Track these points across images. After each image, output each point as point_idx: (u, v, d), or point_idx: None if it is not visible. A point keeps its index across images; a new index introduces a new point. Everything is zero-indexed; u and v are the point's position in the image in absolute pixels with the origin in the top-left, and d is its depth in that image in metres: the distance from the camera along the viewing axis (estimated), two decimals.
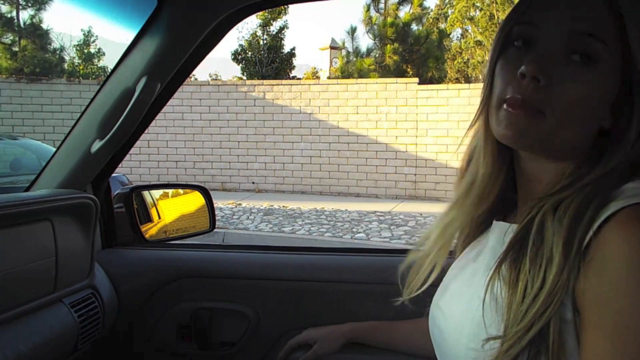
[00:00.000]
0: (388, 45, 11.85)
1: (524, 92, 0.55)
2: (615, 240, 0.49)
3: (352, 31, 12.95)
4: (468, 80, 15.45)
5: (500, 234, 0.64)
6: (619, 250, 0.49)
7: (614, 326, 0.48)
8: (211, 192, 1.47)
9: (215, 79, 14.98)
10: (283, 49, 15.23)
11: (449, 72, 14.35)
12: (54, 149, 1.09)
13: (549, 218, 0.54)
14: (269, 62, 14.74)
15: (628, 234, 0.49)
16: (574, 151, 0.59)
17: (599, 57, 0.53)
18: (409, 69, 12.34)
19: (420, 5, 12.72)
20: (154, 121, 1.17)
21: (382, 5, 13.07)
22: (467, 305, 0.61)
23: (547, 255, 0.52)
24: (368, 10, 12.85)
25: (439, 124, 9.02)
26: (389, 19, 12.16)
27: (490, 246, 0.65)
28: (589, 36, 0.53)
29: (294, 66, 15.96)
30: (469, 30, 17.46)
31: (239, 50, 15.09)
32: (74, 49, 16.58)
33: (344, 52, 13.63)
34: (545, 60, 0.54)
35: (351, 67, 12.54)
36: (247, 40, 15.01)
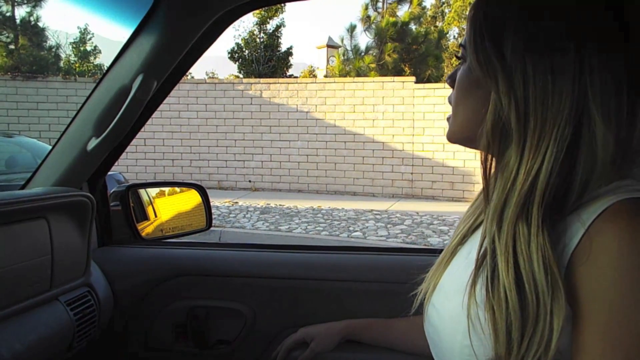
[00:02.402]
0: (389, 44, 11.84)
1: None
2: (605, 235, 0.50)
3: (352, 29, 12.93)
4: None
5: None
6: (610, 245, 0.50)
7: (605, 321, 0.49)
8: (208, 191, 1.46)
9: (212, 77, 14.95)
10: (280, 47, 15.22)
11: (446, 70, 14.36)
12: (50, 147, 1.09)
13: (497, 242, 0.57)
14: (266, 60, 14.73)
15: (617, 229, 0.50)
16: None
17: (465, 57, 0.65)
18: (406, 68, 12.35)
19: (420, 4, 12.72)
20: (150, 119, 1.17)
21: (380, 4, 13.07)
22: (461, 302, 0.62)
23: (504, 285, 0.54)
24: (366, 9, 12.85)
25: (436, 122, 9.03)
26: (391, 19, 12.14)
27: (479, 244, 0.65)
28: (461, 46, 0.67)
29: (291, 64, 15.94)
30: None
31: (236, 48, 15.07)
32: (70, 46, 16.53)
33: (341, 51, 13.62)
34: (454, 71, 0.68)
35: (348, 66, 12.53)
36: (243, 38, 14.99)
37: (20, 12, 13.55)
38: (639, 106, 0.57)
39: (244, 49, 14.99)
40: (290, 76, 15.64)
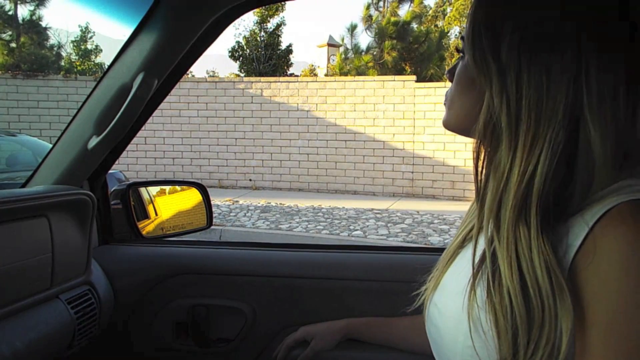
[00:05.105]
0: (387, 42, 11.83)
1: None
2: (609, 237, 0.50)
3: (352, 28, 12.92)
4: None
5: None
6: (613, 247, 0.49)
7: (607, 325, 0.48)
8: (208, 189, 1.46)
9: (213, 76, 14.95)
10: (280, 46, 15.22)
11: (446, 69, 14.38)
12: (51, 145, 1.09)
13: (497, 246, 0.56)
14: (266, 59, 14.73)
15: (621, 230, 0.49)
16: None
17: (464, 52, 0.65)
18: (407, 67, 12.33)
19: (421, 3, 12.70)
20: (151, 117, 1.17)
21: (381, 4, 13.06)
22: (463, 302, 0.62)
23: (506, 286, 0.54)
24: (368, 8, 12.84)
25: (436, 121, 9.02)
26: (393, 18, 12.12)
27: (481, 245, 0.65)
28: (462, 38, 0.65)
29: (292, 63, 15.94)
30: None
31: (236, 47, 15.07)
32: (71, 45, 16.54)
33: (342, 50, 13.62)
34: (454, 65, 0.68)
35: (349, 65, 12.51)
36: (244, 37, 15.00)
37: (22, 10, 13.52)
38: None
39: (244, 48, 14.99)
40: (291, 75, 15.64)
